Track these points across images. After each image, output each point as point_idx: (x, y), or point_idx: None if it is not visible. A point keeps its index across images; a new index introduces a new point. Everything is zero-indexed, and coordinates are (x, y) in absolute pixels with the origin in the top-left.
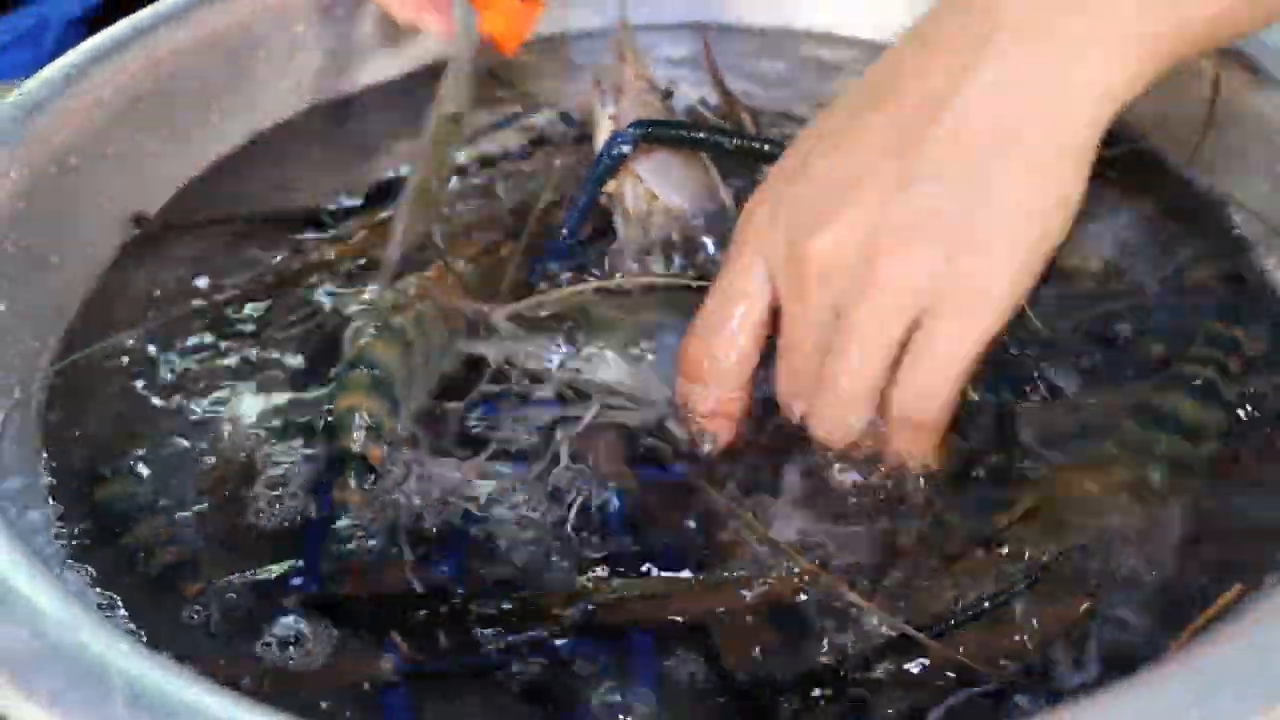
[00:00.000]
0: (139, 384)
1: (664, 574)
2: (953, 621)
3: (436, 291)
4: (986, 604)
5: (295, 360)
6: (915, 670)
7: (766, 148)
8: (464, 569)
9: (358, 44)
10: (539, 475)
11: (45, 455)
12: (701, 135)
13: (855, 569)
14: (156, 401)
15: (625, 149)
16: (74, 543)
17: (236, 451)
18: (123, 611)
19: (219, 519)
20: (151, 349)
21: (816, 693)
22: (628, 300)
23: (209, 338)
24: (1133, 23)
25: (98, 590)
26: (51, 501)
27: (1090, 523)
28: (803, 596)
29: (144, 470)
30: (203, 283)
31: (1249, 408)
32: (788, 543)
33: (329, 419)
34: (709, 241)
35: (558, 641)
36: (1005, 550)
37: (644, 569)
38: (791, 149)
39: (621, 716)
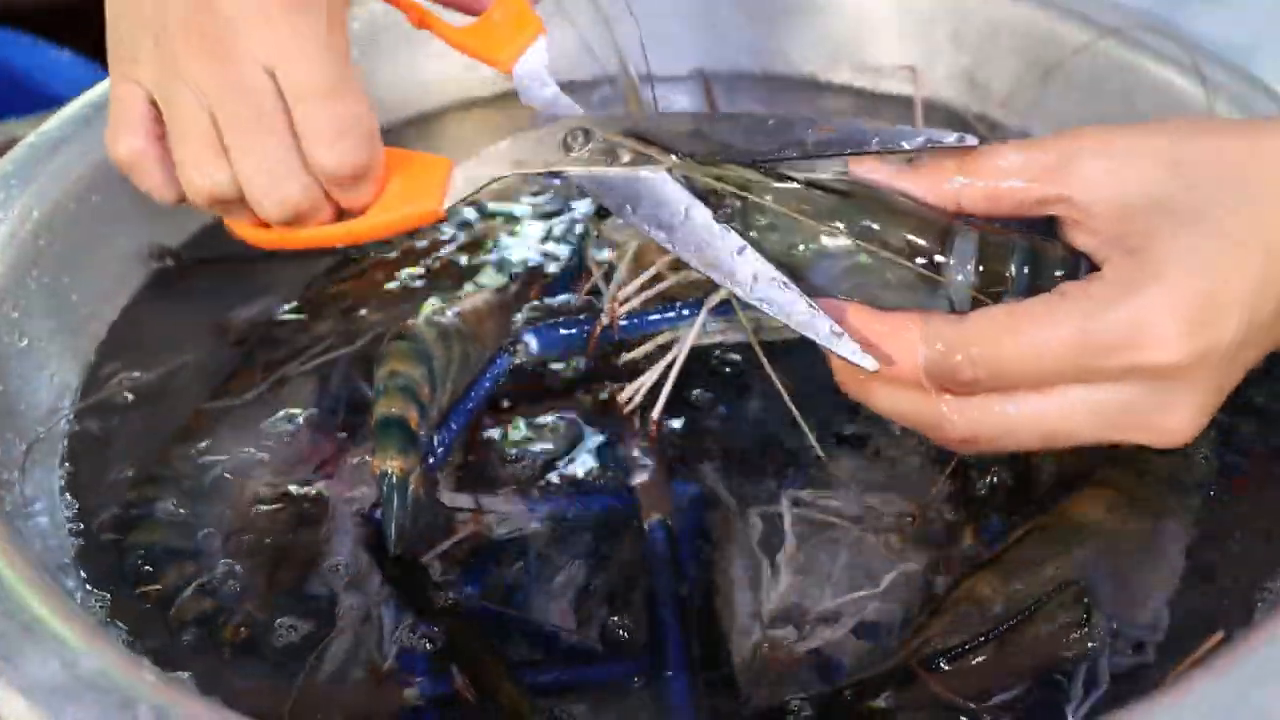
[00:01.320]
0: (163, 421)
1: None
2: (948, 657)
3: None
4: (980, 640)
5: (320, 395)
6: (921, 700)
7: None
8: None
9: (371, 80)
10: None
11: (69, 495)
12: None
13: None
14: (182, 439)
15: None
16: (101, 586)
17: (266, 491)
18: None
19: (249, 561)
20: (176, 385)
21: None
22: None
23: (233, 373)
24: None
25: (124, 630)
26: (77, 542)
27: (1092, 544)
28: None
29: (172, 512)
30: (226, 318)
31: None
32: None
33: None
34: None
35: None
36: (1006, 574)
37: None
38: None
39: None
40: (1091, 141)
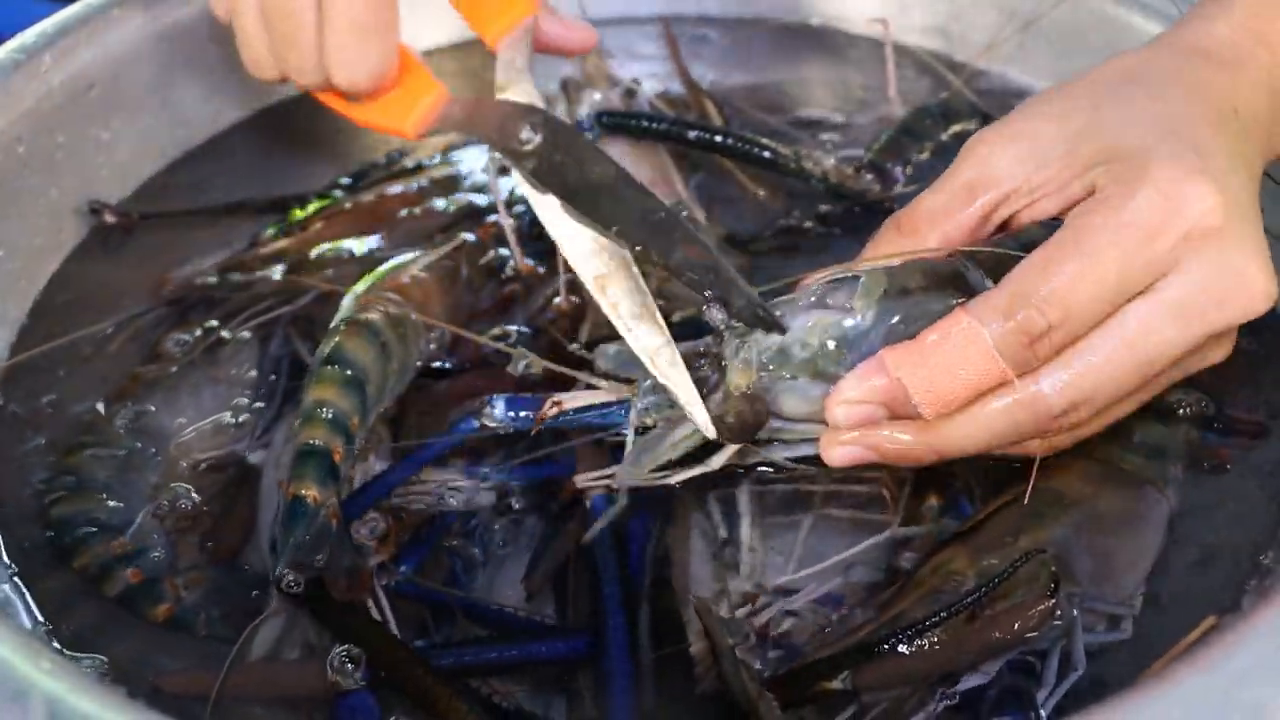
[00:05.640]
0: (95, 385)
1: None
2: (913, 634)
3: (419, 291)
4: (945, 615)
5: (253, 360)
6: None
7: (729, 140)
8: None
9: None
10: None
11: None
12: (661, 126)
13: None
14: (113, 405)
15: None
16: (21, 558)
17: (200, 460)
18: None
19: (181, 534)
20: (105, 349)
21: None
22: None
23: (165, 336)
24: None
25: (45, 613)
26: None
27: (1068, 516)
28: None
29: (101, 481)
30: (160, 279)
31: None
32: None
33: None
34: None
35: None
36: (979, 548)
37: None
38: None
39: None
40: (991, 135)
